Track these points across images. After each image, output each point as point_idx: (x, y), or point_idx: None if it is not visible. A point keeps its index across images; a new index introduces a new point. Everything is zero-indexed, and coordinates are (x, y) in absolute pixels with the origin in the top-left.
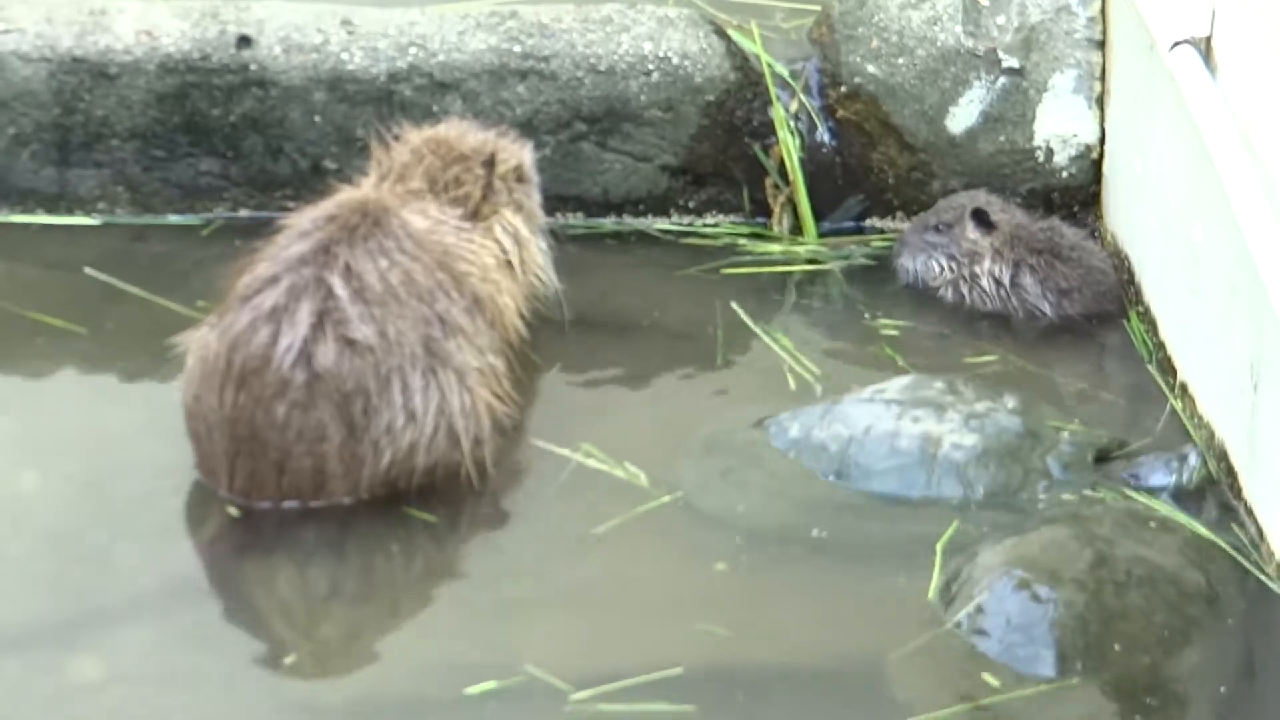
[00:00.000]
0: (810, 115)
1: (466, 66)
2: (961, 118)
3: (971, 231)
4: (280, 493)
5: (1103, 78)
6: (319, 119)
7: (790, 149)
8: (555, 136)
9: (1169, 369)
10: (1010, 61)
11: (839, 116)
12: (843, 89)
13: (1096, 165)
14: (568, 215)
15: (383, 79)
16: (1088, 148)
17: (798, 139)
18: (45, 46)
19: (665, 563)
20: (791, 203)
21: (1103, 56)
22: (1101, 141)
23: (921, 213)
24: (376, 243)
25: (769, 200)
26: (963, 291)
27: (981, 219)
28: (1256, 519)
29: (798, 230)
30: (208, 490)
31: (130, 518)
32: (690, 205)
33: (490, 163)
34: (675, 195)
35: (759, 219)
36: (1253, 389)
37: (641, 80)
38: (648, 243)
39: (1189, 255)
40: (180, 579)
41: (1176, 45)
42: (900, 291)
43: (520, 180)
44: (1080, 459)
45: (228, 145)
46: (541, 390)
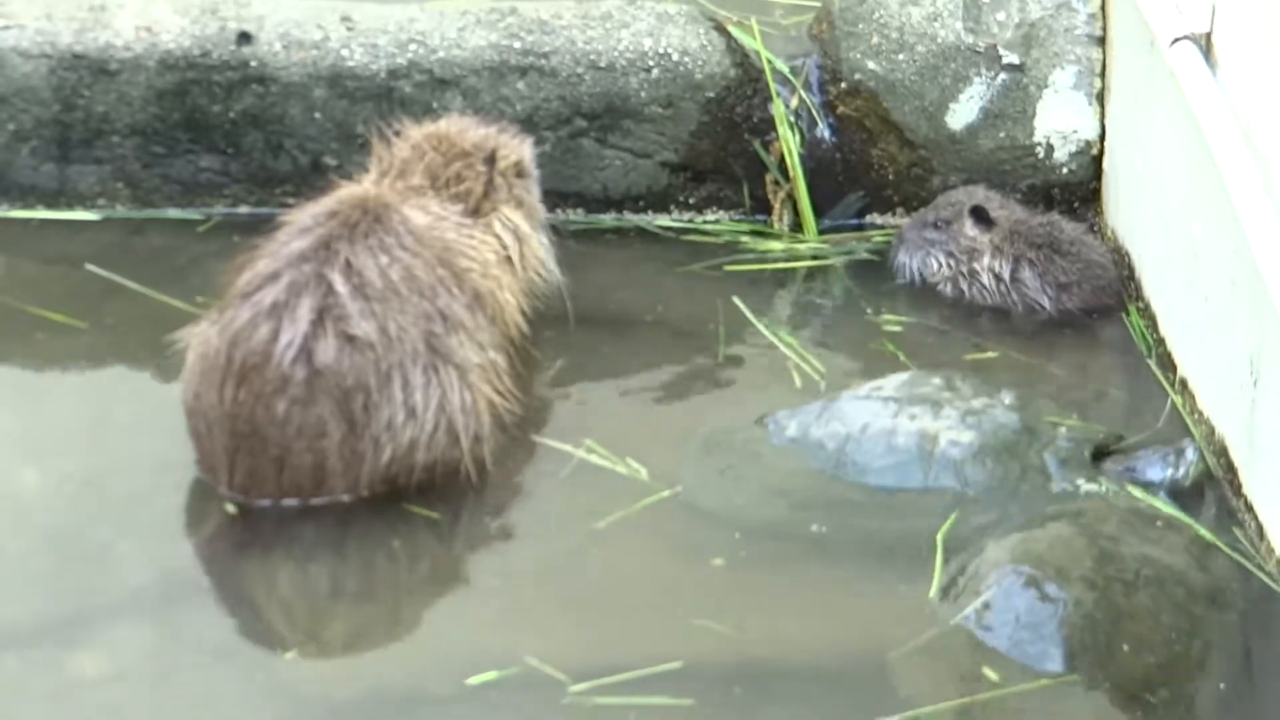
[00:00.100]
0: (810, 112)
1: (466, 63)
2: (962, 114)
3: (970, 229)
4: (280, 489)
5: (1103, 74)
6: (319, 115)
7: (790, 145)
8: (555, 133)
9: (1169, 364)
10: (1010, 58)
11: (839, 113)
12: (843, 85)
13: (1097, 161)
14: (568, 211)
15: (383, 75)
16: (1088, 144)
17: (798, 135)
18: (45, 43)
19: (664, 558)
20: (792, 199)
21: (1103, 53)
22: (1102, 138)
23: (922, 209)
24: (377, 239)
25: (769, 197)
26: (962, 287)
27: (980, 216)
28: (1256, 515)
29: (798, 227)
30: (208, 487)
31: (130, 514)
32: (690, 202)
33: (491, 159)
34: (675, 192)
35: (759, 216)
36: (1253, 384)
37: (641, 77)
38: (648, 239)
39: (1189, 251)
40: (180, 576)
41: (1177, 41)
42: (901, 287)
43: (520, 176)
44: (1077, 455)
45: (228, 142)
46: (544, 387)
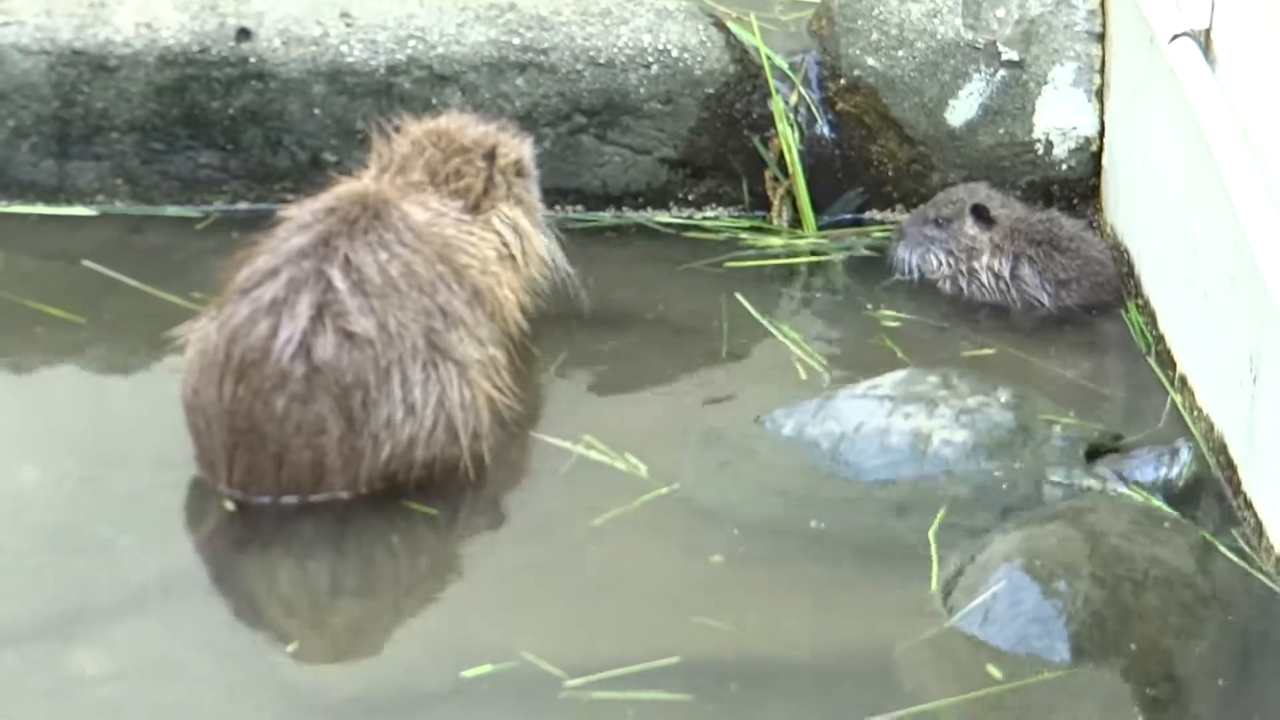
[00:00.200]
0: (810, 108)
1: (466, 59)
2: (961, 110)
3: (970, 227)
4: (279, 486)
5: (1102, 70)
6: (318, 111)
7: (790, 142)
8: (554, 129)
9: (1168, 361)
10: (1010, 54)
11: (838, 109)
12: (842, 82)
13: (1096, 158)
14: (567, 208)
15: (382, 71)
16: (1087, 140)
17: (797, 132)
18: (45, 39)
19: (662, 554)
20: (791, 195)
21: (1102, 49)
22: (1101, 134)
23: (920, 205)
24: (376, 235)
25: (768, 193)
26: (961, 285)
27: (981, 215)
28: (1256, 512)
29: (797, 223)
30: (207, 484)
31: (129, 511)
32: (689, 198)
33: (491, 155)
34: (674, 188)
35: (758, 212)
36: (1252, 381)
37: (641, 73)
38: (648, 236)
39: (1188, 247)
40: (179, 573)
41: (1176, 38)
42: (900, 283)
43: (520, 174)
44: (1072, 454)
45: (227, 138)
46: (545, 383)
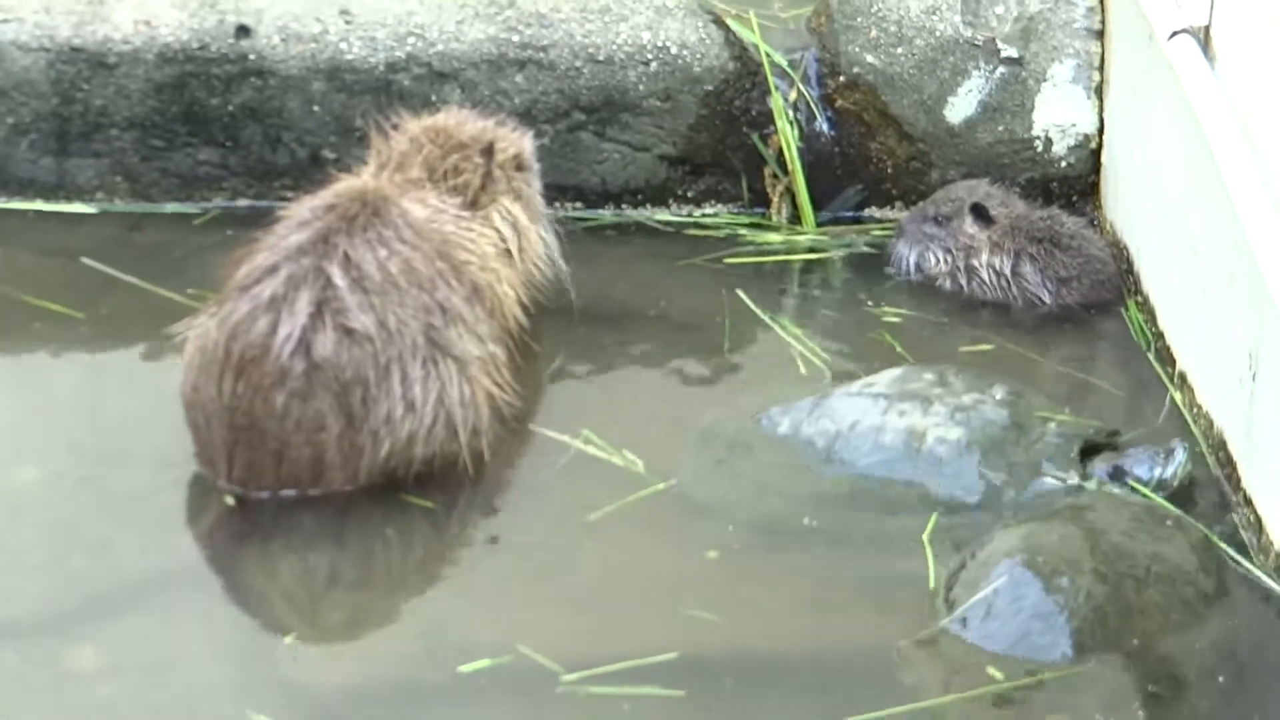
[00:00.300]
0: (809, 105)
1: (465, 56)
2: (960, 107)
3: (970, 226)
4: (278, 482)
5: (1101, 67)
6: (317, 108)
7: (789, 139)
8: (554, 126)
9: (1167, 358)
10: (1009, 51)
11: (837, 106)
12: (841, 78)
13: (1095, 155)
14: (566, 205)
15: (381, 68)
16: (1086, 137)
17: (796, 129)
18: (44, 36)
19: (658, 549)
20: (790, 192)
21: (1101, 46)
22: (1100, 131)
23: (920, 202)
24: (375, 232)
25: (767, 190)
26: (960, 282)
27: (981, 214)
28: (1255, 508)
29: (796, 220)
30: (206, 480)
31: (128, 508)
32: (689, 195)
33: (489, 151)
34: (674, 185)
35: (757, 209)
36: (1251, 378)
37: (640, 70)
38: (648, 234)
39: (1187, 244)
40: (179, 568)
41: (1175, 35)
42: (901, 280)
43: (520, 169)
44: (1066, 451)
45: (226, 135)
46: (544, 379)
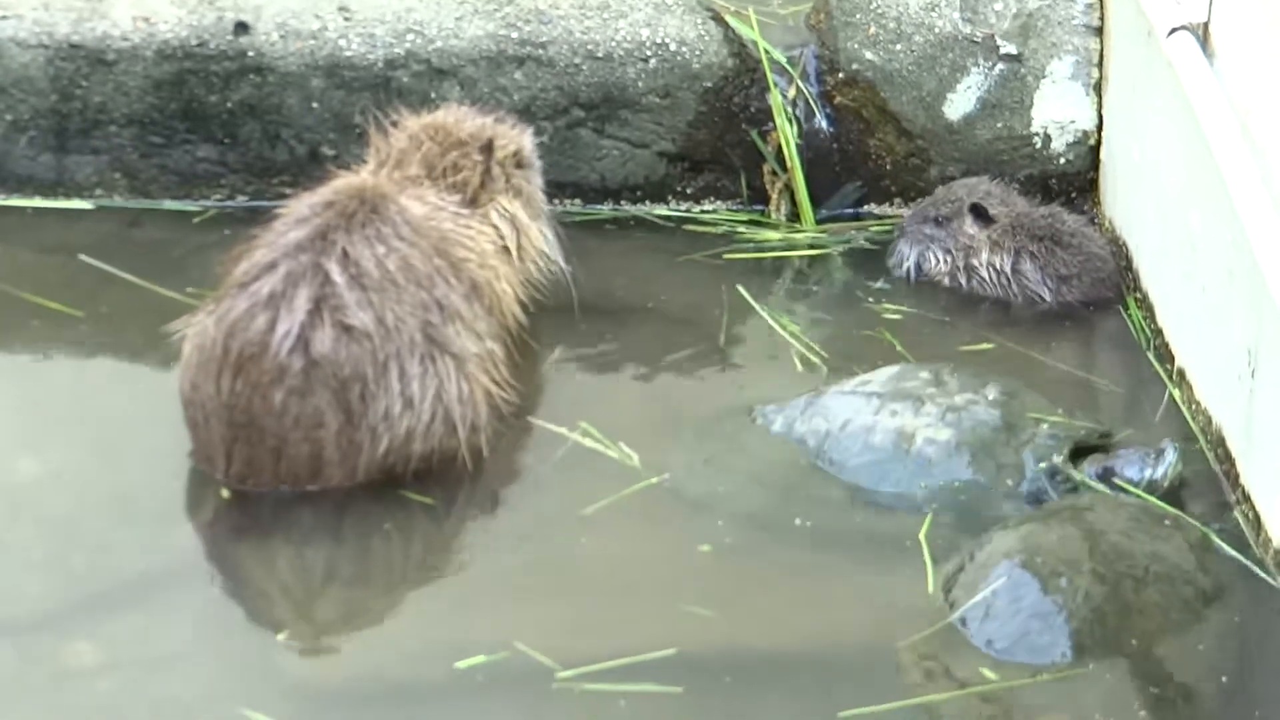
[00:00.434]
0: (808, 102)
1: (464, 53)
2: (959, 104)
3: (970, 226)
4: (277, 479)
5: (1100, 64)
6: (316, 105)
7: (788, 136)
8: (553, 123)
9: (1166, 355)
10: (1008, 48)
11: (836, 103)
12: (840, 75)
13: (1094, 152)
14: (565, 202)
15: (380, 65)
16: (1085, 134)
17: (795, 126)
18: (43, 33)
19: (652, 545)
20: (789, 189)
21: (1100, 43)
22: (1099, 128)
23: (920, 199)
24: (374, 229)
25: (766, 187)
26: (960, 281)
27: (980, 214)
28: (1254, 505)
29: (795, 217)
30: (204, 474)
31: (127, 504)
32: (688, 192)
33: (488, 148)
34: (673, 182)
35: (756, 206)
36: (1250, 375)
37: (639, 67)
38: (647, 229)
39: (1186, 242)
40: (177, 564)
41: (1174, 31)
42: (901, 278)
43: (520, 166)
44: (1057, 452)
45: (225, 132)
46: (543, 373)
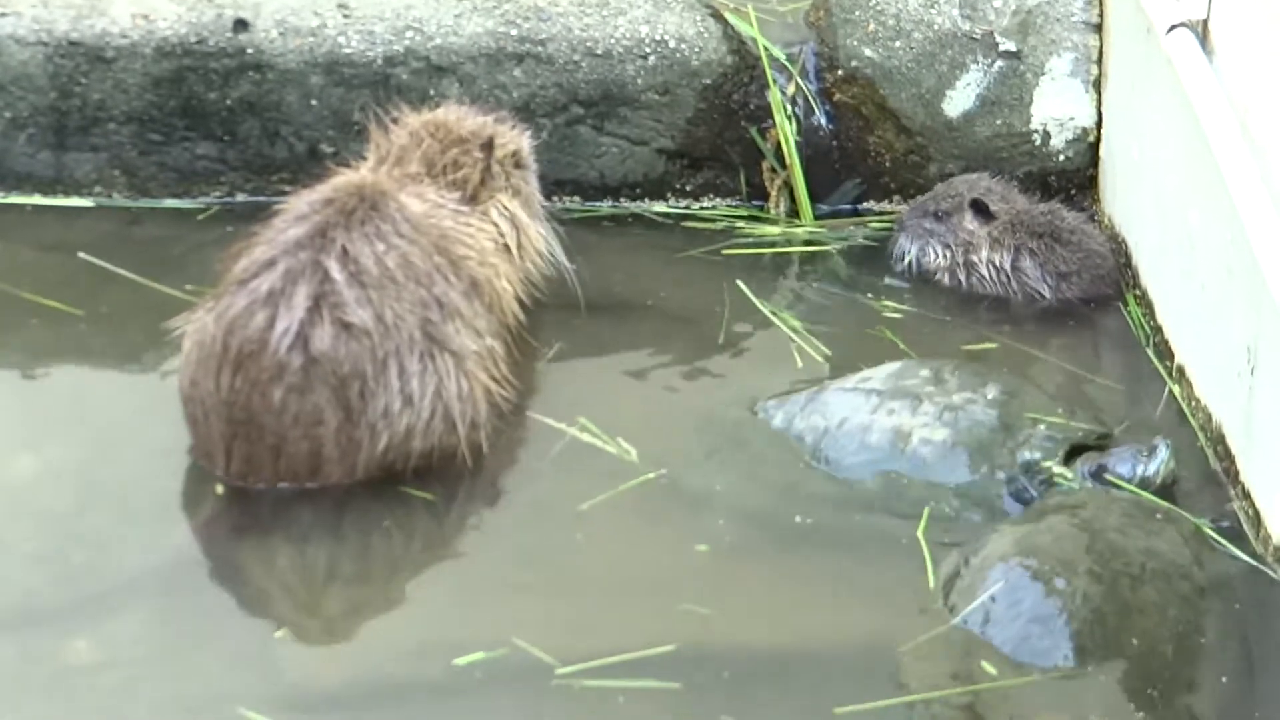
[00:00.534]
0: (807, 99)
1: (463, 50)
2: (958, 101)
3: (969, 222)
4: (277, 476)
5: (1100, 61)
6: (316, 102)
7: (787, 133)
8: (552, 120)
9: (1166, 352)
10: (1007, 45)
11: (836, 100)
12: (839, 72)
13: (1093, 149)
14: (564, 199)
15: (379, 62)
16: (1085, 131)
17: (794, 123)
18: (42, 30)
19: (650, 541)
20: (788, 186)
21: (1100, 40)
22: (1098, 125)
23: (919, 196)
24: (373, 226)
25: (766, 184)
26: (960, 278)
27: (980, 209)
28: (1254, 502)
29: (794, 214)
30: (204, 472)
31: (127, 501)
32: (687, 189)
33: (489, 146)
34: (672, 179)
35: (755, 202)
36: (1249, 372)
37: (638, 64)
38: (646, 225)
39: (1186, 239)
40: (177, 560)
41: (1173, 28)
42: (900, 274)
43: (518, 165)
44: (1052, 453)
45: (224, 129)
46: (542, 368)
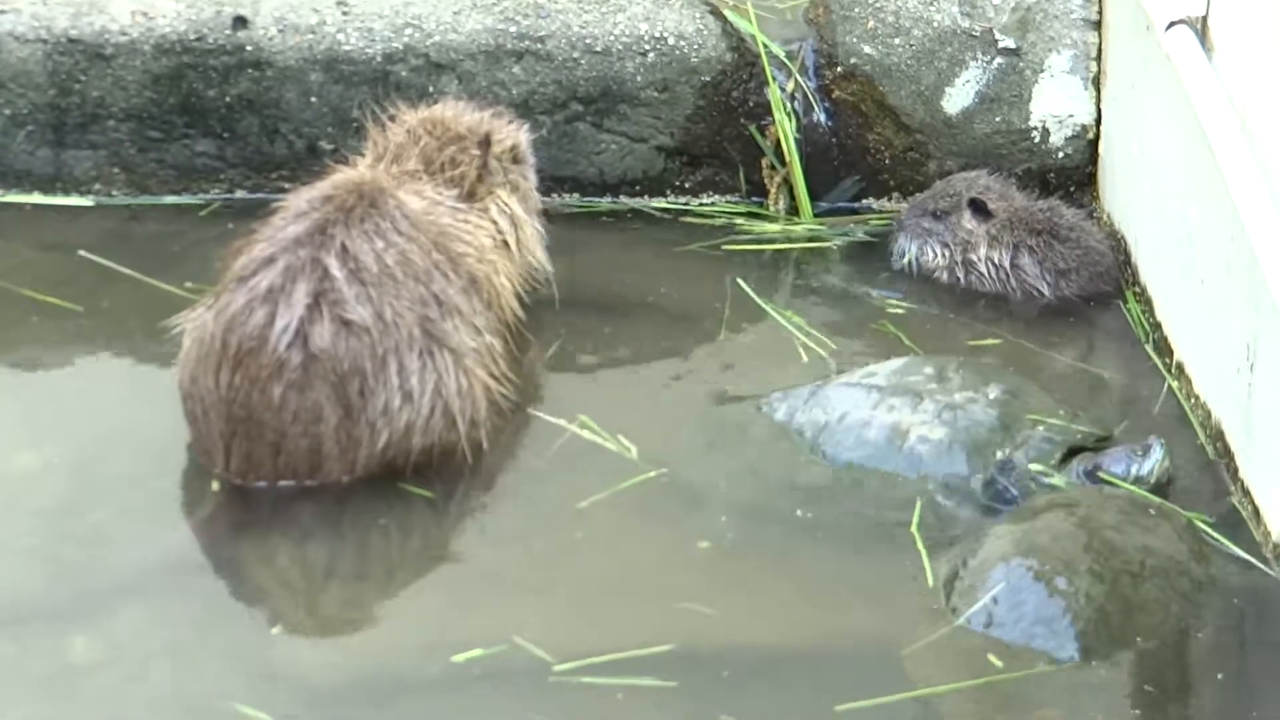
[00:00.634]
0: (806, 96)
1: (462, 47)
2: (958, 98)
3: (968, 221)
4: (276, 473)
5: (1099, 58)
6: (315, 100)
7: (786, 130)
8: (551, 117)
9: (1165, 349)
10: (1006, 42)
11: (835, 97)
12: (839, 69)
13: (1093, 146)
14: (563, 196)
15: (378, 60)
16: (1084, 128)
17: (794, 120)
18: (41, 27)
19: (650, 538)
20: (787, 183)
21: (1099, 37)
22: (1098, 122)
23: (919, 193)
24: (373, 224)
25: (765, 181)
26: (958, 276)
27: (979, 208)
28: (1253, 499)
29: (793, 211)
30: (203, 469)
31: (126, 498)
32: (686, 186)
33: (486, 143)
34: (671, 176)
35: (755, 199)
36: (1249, 369)
37: (637, 61)
38: (645, 221)
39: (1185, 236)
40: (177, 558)
41: (1173, 25)
42: (900, 272)
43: (516, 161)
44: (1049, 455)
45: (224, 126)
46: (542, 365)
